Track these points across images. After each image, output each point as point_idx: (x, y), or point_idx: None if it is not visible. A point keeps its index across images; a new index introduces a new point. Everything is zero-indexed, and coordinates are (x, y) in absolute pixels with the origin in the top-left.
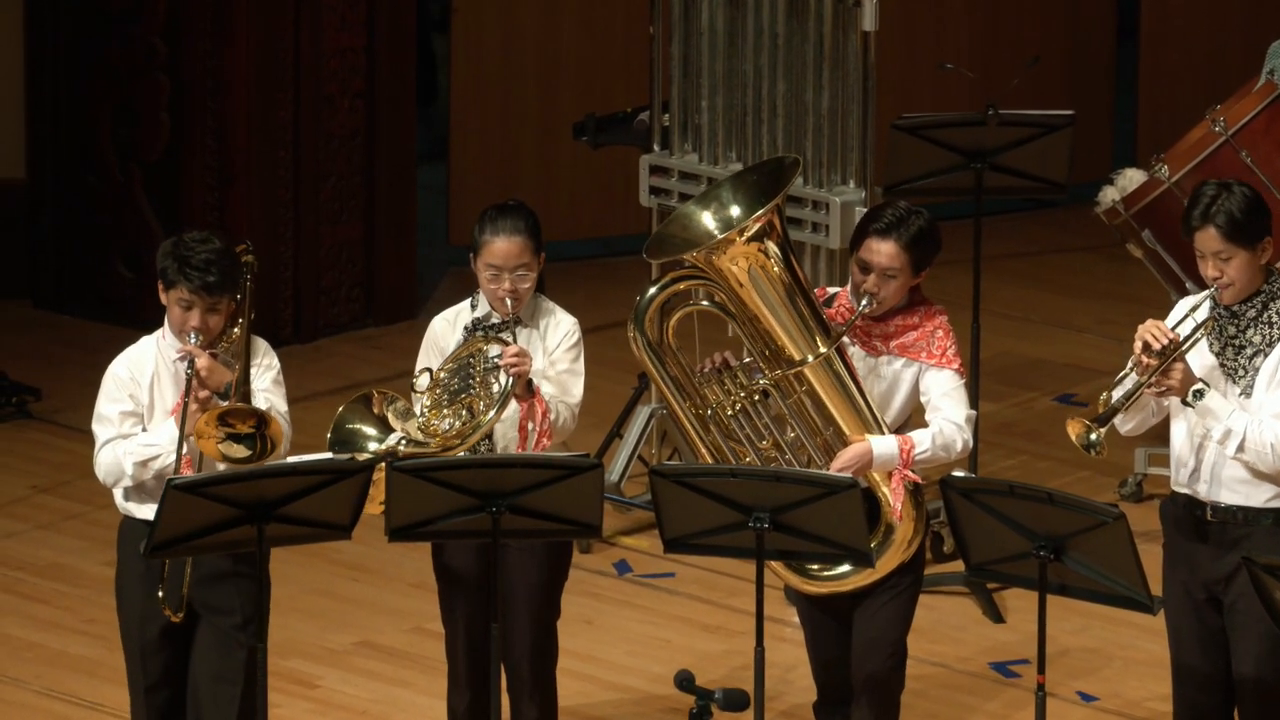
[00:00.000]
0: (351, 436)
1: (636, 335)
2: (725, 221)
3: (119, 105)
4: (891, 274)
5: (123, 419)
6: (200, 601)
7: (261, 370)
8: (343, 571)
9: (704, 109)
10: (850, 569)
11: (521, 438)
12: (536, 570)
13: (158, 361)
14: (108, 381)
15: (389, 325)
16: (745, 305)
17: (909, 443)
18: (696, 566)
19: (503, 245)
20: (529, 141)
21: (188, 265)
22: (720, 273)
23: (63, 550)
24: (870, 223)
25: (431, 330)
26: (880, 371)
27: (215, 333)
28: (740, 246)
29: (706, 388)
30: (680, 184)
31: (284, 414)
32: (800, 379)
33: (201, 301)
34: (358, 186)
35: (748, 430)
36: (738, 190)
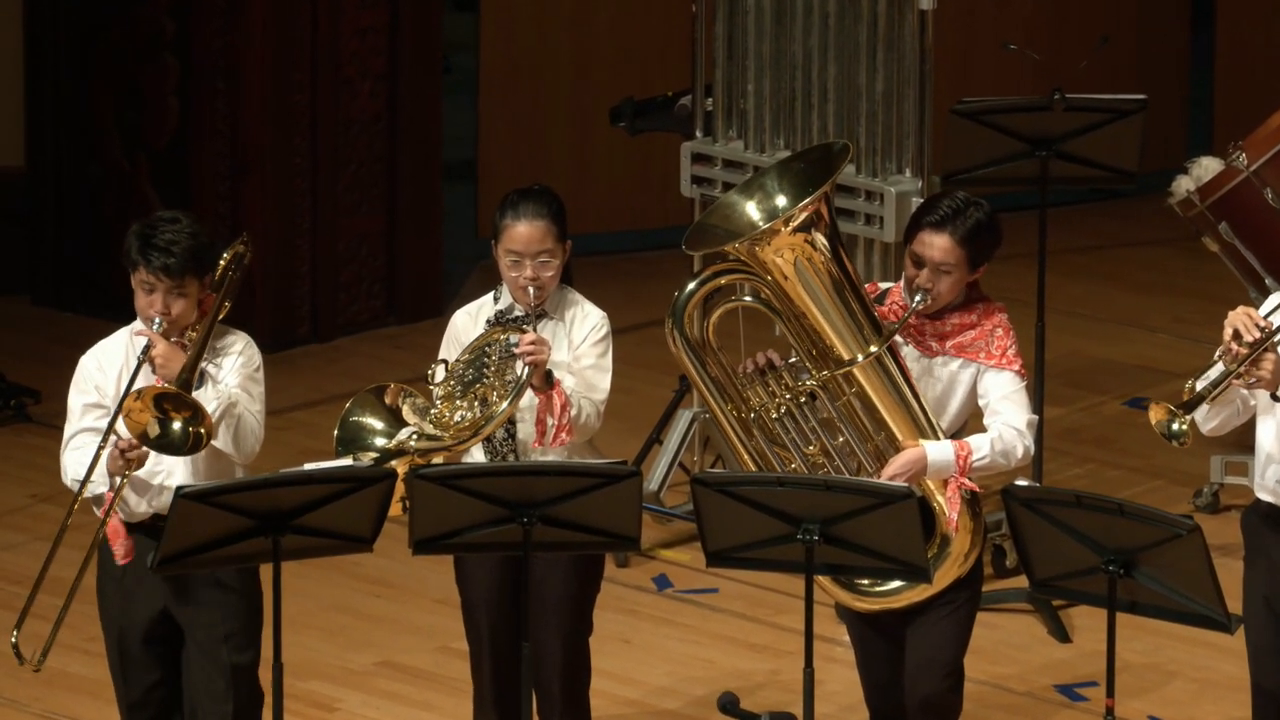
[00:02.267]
0: (357, 431)
1: (675, 333)
2: (770, 211)
3: (124, 89)
4: (946, 269)
5: (85, 411)
6: (180, 613)
7: (237, 364)
8: (363, 587)
9: (750, 93)
10: (903, 584)
11: (539, 432)
12: (565, 582)
13: (128, 353)
14: (77, 373)
15: (413, 324)
16: (791, 301)
17: (966, 449)
18: (741, 581)
19: (524, 230)
20: (562, 127)
21: (149, 245)
22: (764, 266)
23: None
24: (924, 214)
25: (453, 325)
26: (936, 373)
27: (183, 322)
28: (785, 237)
29: (749, 389)
30: (724, 173)
31: (255, 412)
32: (849, 380)
33: (162, 284)
34: (379, 175)
35: (793, 435)
36: (783, 178)
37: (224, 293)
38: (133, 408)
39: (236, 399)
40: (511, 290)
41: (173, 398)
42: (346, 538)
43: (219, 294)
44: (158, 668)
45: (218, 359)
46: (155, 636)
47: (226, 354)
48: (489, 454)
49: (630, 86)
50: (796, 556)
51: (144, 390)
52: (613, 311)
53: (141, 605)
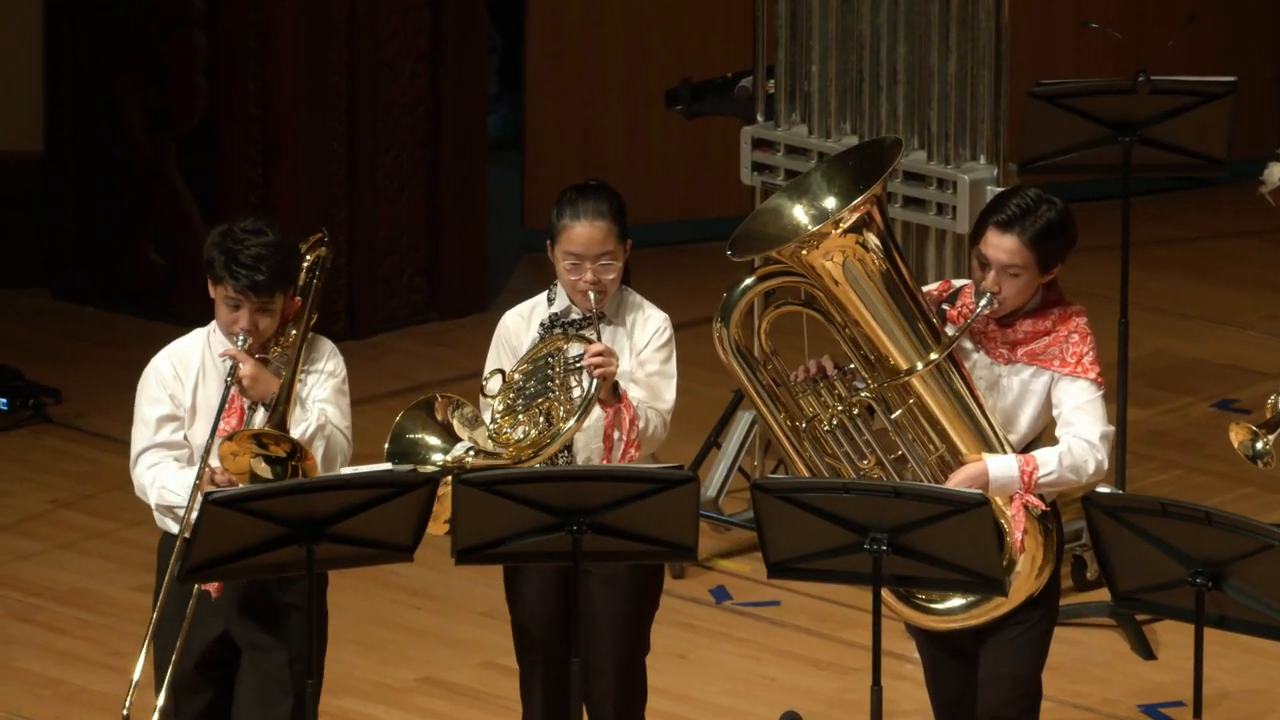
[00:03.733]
0: (412, 447)
1: (723, 335)
2: (819, 212)
3: (149, 67)
4: (1014, 272)
5: (160, 424)
6: (242, 635)
7: (322, 378)
8: (404, 599)
9: (814, 74)
10: (966, 601)
11: (606, 448)
12: (622, 598)
13: (205, 358)
14: (148, 377)
15: (456, 319)
16: (844, 306)
17: (1031, 463)
18: (805, 594)
19: (584, 231)
20: (614, 111)
21: (234, 261)
22: (814, 270)
23: (85, 573)
24: (991, 213)
25: (503, 327)
26: (1006, 382)
27: (267, 335)
28: (835, 240)
29: (802, 398)
30: (786, 159)
31: (344, 429)
32: (908, 390)
33: (250, 301)
34: (420, 162)
35: (846, 447)
36: (832, 178)
37: (311, 303)
38: (229, 450)
39: (326, 419)
40: (570, 293)
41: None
42: (385, 546)
43: (304, 303)
44: (210, 690)
45: (304, 373)
46: (212, 660)
47: (313, 368)
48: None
49: (687, 67)
50: (863, 567)
51: (238, 434)
52: (667, 307)
53: (201, 627)
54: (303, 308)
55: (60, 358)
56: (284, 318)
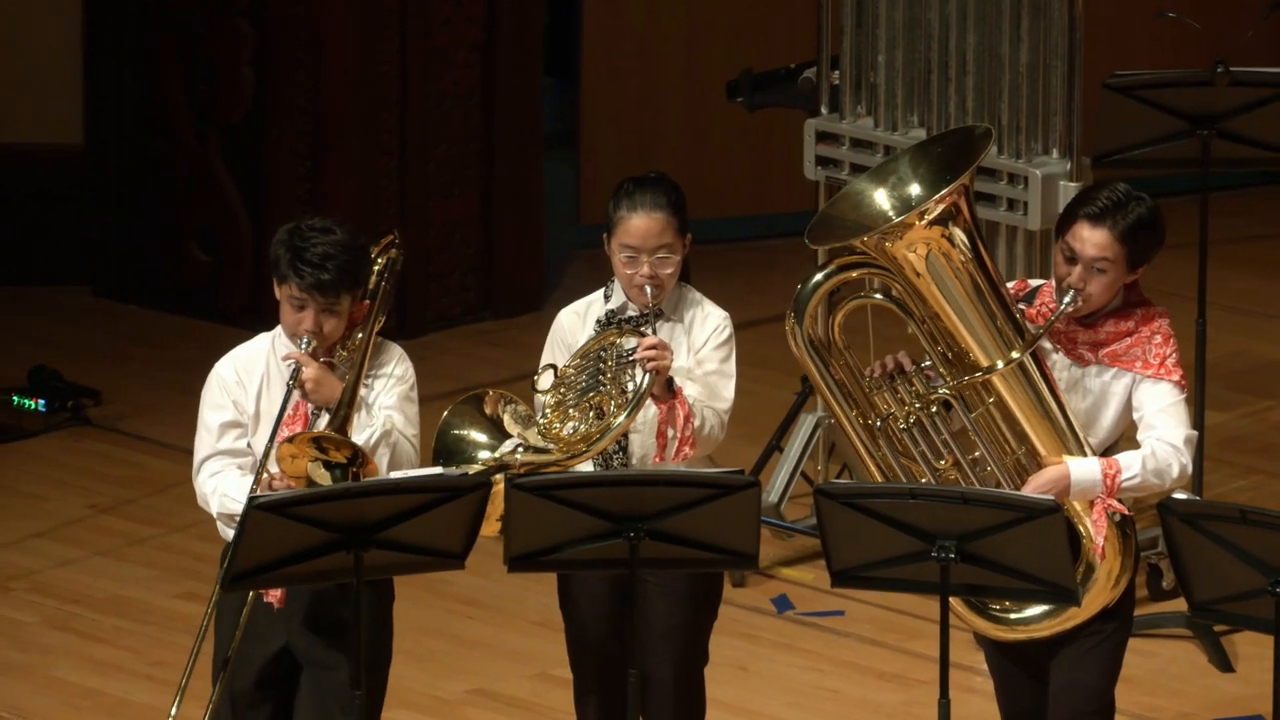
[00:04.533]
0: (458, 445)
1: (796, 330)
2: (903, 202)
3: (194, 58)
4: (1101, 268)
5: (223, 431)
6: (304, 652)
7: (390, 384)
8: (455, 607)
9: (881, 65)
10: (1044, 611)
11: (660, 445)
12: (680, 607)
13: (269, 363)
14: (210, 384)
15: (510, 318)
16: (924, 300)
17: (1114, 466)
18: (870, 603)
19: (641, 223)
20: (673, 103)
21: (300, 259)
22: (895, 262)
23: (126, 581)
24: (1081, 205)
25: (558, 325)
26: (1087, 383)
27: (333, 338)
28: (920, 231)
29: (877, 394)
30: (852, 153)
31: (411, 437)
32: (988, 388)
33: (315, 301)
34: (474, 155)
35: (923, 447)
36: (918, 165)
37: (378, 306)
38: (288, 453)
39: (392, 425)
40: (626, 288)
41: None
42: (436, 553)
43: (371, 306)
44: (268, 707)
45: (369, 378)
46: (272, 677)
47: (380, 373)
48: (599, 468)
49: (749, 57)
50: (931, 576)
51: (297, 436)
52: (729, 305)
53: (260, 642)
54: (370, 310)
55: (101, 357)
56: (351, 321)
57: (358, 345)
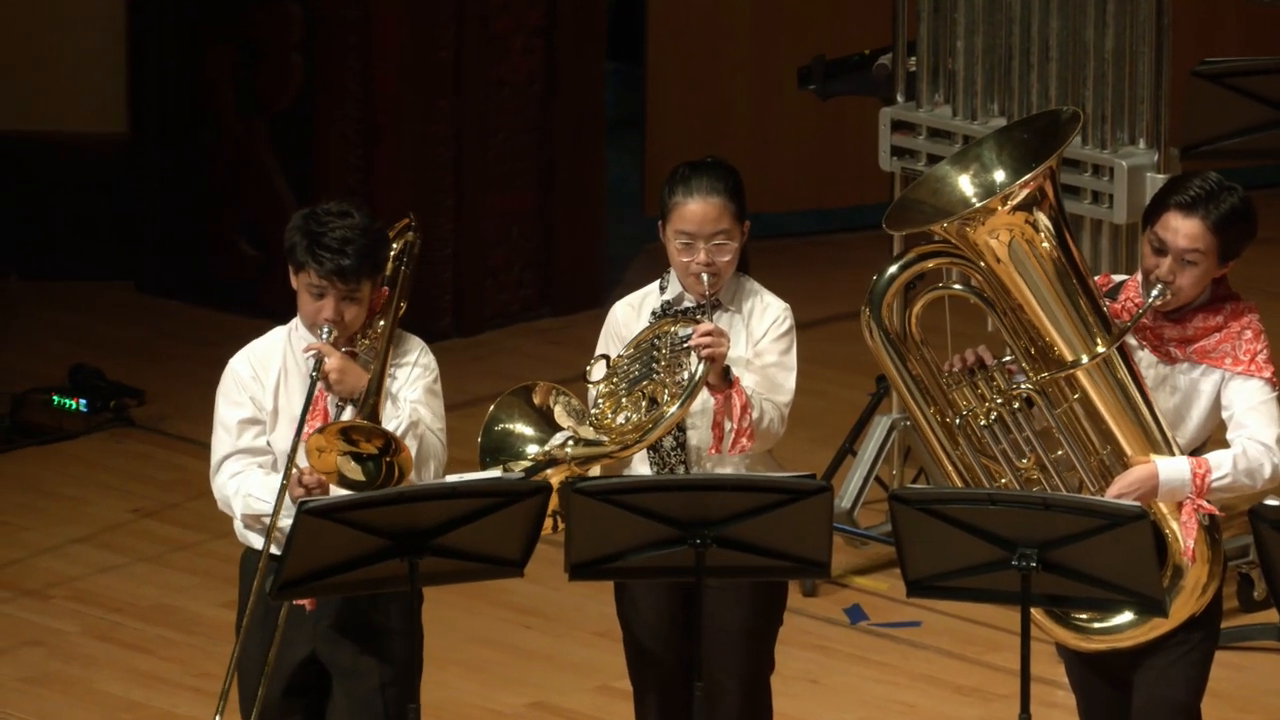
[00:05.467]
0: (505, 439)
1: (872, 324)
2: (986, 187)
3: (241, 42)
4: (1192, 259)
5: (242, 428)
6: (331, 659)
7: (413, 376)
8: (513, 617)
9: (959, 51)
10: (1129, 620)
11: (716, 437)
12: (744, 614)
13: (286, 358)
14: (226, 380)
15: (570, 315)
16: (1006, 290)
17: (1204, 466)
18: (947, 614)
19: (697, 207)
20: (742, 90)
21: (318, 244)
22: (976, 249)
23: (170, 589)
24: (1171, 194)
25: (612, 317)
26: (1174, 380)
27: (354, 327)
28: (1003, 217)
29: (956, 391)
30: (929, 143)
31: (438, 431)
32: (1072, 384)
33: (335, 288)
34: (533, 145)
35: (1004, 445)
36: (1003, 149)
37: (399, 292)
38: (316, 446)
39: (418, 417)
40: (681, 277)
41: (361, 430)
42: (493, 560)
43: (392, 293)
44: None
45: (391, 368)
46: (299, 685)
47: (402, 362)
48: (655, 465)
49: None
50: (1011, 586)
51: (326, 428)
52: (798, 303)
53: (287, 649)
54: (390, 298)
55: (143, 356)
56: (371, 309)
57: (379, 334)
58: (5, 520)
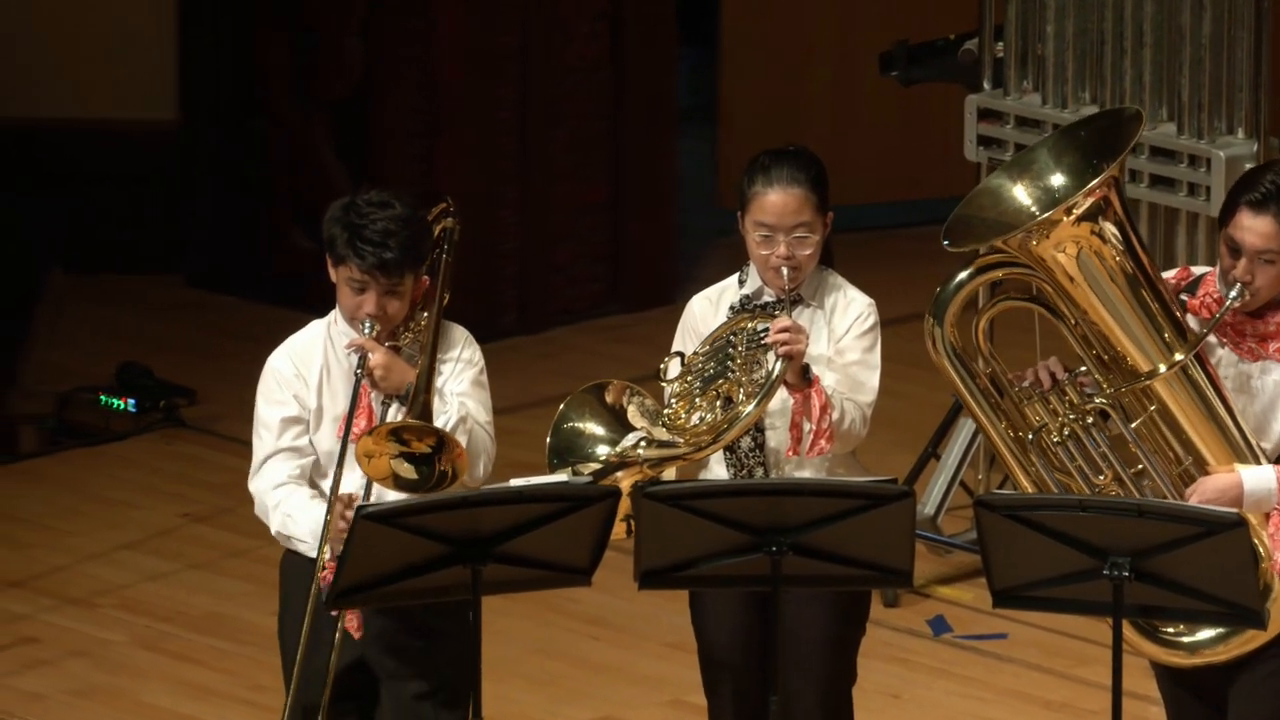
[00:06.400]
0: (575, 440)
1: (936, 334)
2: (1047, 195)
3: (297, 27)
4: (1268, 258)
5: (284, 427)
6: (378, 662)
7: (459, 368)
8: (580, 628)
9: (1049, 36)
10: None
11: (794, 439)
12: (824, 623)
13: (327, 353)
14: (266, 378)
15: (640, 312)
16: (1075, 302)
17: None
18: (1035, 626)
19: (777, 198)
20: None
21: (359, 237)
22: (1042, 262)
23: (223, 596)
24: (1242, 192)
25: (689, 312)
26: (1256, 383)
27: (397, 320)
28: (1067, 229)
29: (1027, 405)
30: (1017, 132)
31: (485, 424)
32: (1149, 395)
33: (377, 283)
34: (602, 134)
35: (1080, 461)
36: (1062, 153)
37: (442, 282)
38: (366, 451)
39: (467, 411)
40: (760, 271)
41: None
42: (560, 568)
43: (436, 283)
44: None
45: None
46: (346, 692)
47: (446, 356)
48: (732, 467)
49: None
50: (1103, 596)
51: (375, 430)
52: (878, 299)
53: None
54: (433, 288)
55: (194, 353)
56: (413, 301)
57: (423, 326)
58: (50, 525)
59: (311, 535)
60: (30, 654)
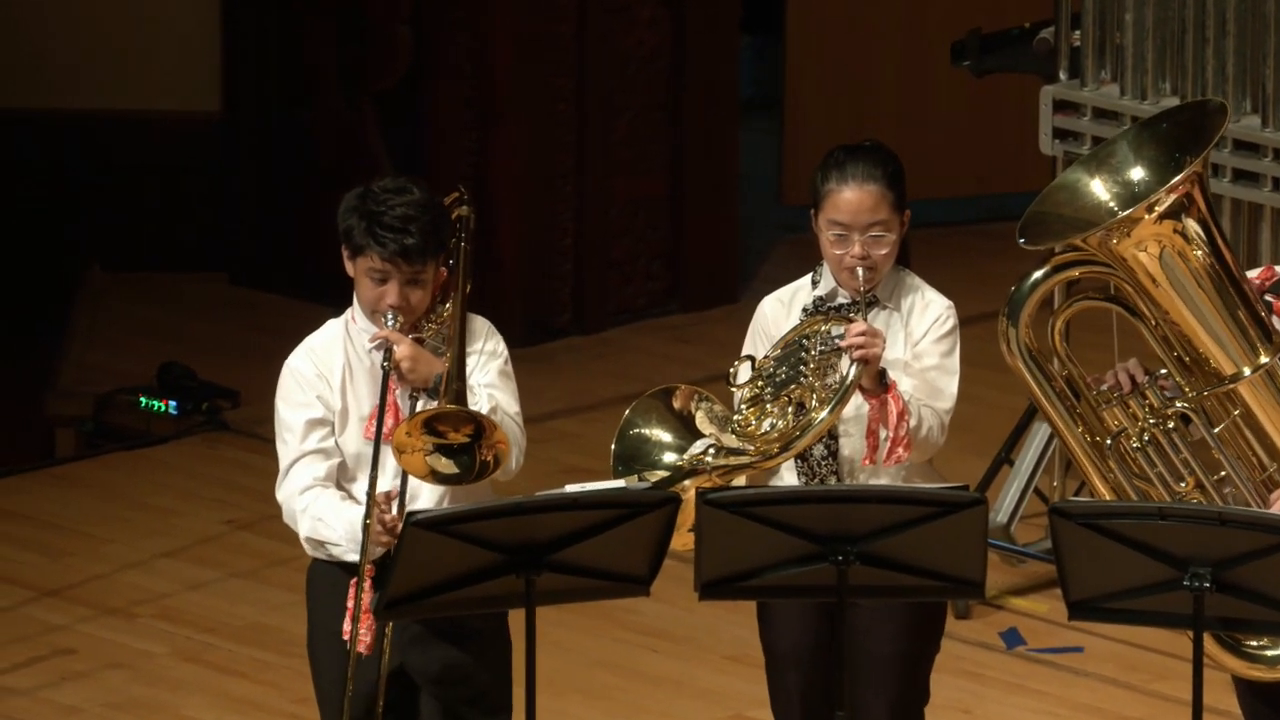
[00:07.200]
0: (641, 446)
1: (1011, 336)
2: (1127, 191)
3: (344, 16)
4: None
5: (309, 429)
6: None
7: (484, 360)
8: (638, 639)
9: (1128, 23)
10: None
11: (870, 446)
12: (898, 634)
13: (348, 352)
14: (286, 380)
15: (700, 311)
16: (1156, 303)
17: None
18: (1113, 639)
19: (852, 196)
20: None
21: (378, 224)
22: (1123, 263)
23: (267, 606)
24: None
25: (760, 314)
26: None
27: (419, 311)
28: (1149, 227)
29: (1106, 409)
30: (1094, 125)
31: (514, 415)
32: (1232, 399)
33: (399, 271)
34: (661, 127)
35: (1160, 468)
36: (1142, 147)
37: (463, 270)
38: (400, 446)
39: (496, 402)
40: (835, 271)
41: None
42: (617, 577)
43: (456, 272)
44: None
45: None
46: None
47: (470, 348)
48: (804, 475)
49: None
50: (1182, 608)
51: (408, 422)
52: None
53: (370, 665)
54: (453, 276)
55: (238, 353)
56: (433, 291)
57: (445, 317)
58: (88, 532)
59: (347, 538)
60: (67, 666)
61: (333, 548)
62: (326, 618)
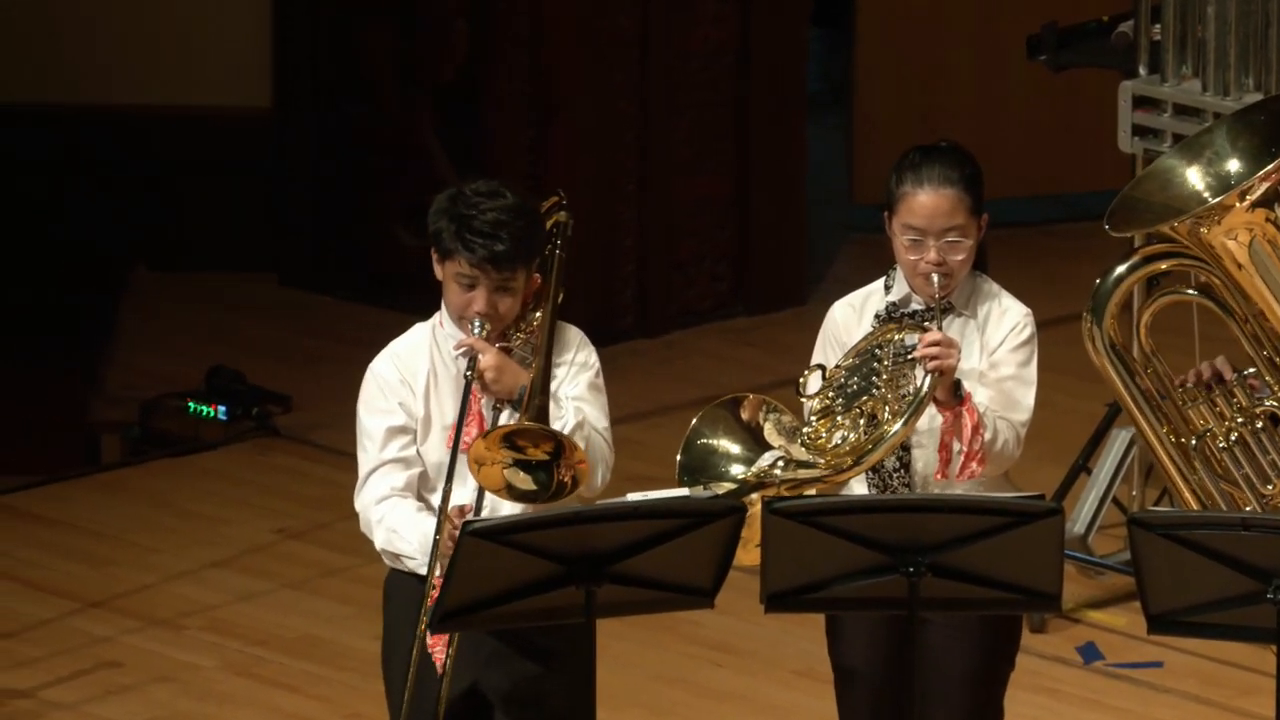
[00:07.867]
0: (708, 458)
1: (1095, 332)
2: (1220, 180)
3: (398, 7)
4: None
5: (390, 437)
6: (492, 687)
7: (573, 371)
8: (702, 653)
9: (1210, 17)
10: None
11: (943, 460)
12: (972, 652)
13: (433, 358)
14: (369, 385)
15: (766, 314)
16: (1246, 295)
17: None
18: (1194, 653)
19: (928, 200)
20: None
21: (468, 229)
22: (1212, 251)
23: (319, 618)
24: None
25: (830, 320)
26: None
27: (508, 319)
28: (1241, 215)
29: (1191, 408)
30: (1175, 121)
31: (603, 431)
32: None
33: (488, 277)
34: (727, 124)
35: (1247, 469)
36: (1238, 136)
37: (555, 279)
38: (478, 458)
39: (584, 417)
40: (909, 276)
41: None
42: (680, 589)
43: (549, 279)
44: None
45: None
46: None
47: (560, 359)
48: (875, 488)
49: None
50: (1267, 622)
51: (487, 435)
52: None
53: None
54: (545, 284)
55: (289, 357)
56: (524, 300)
57: (535, 327)
58: (134, 541)
59: (420, 551)
60: (112, 679)
61: (408, 560)
62: (402, 633)
